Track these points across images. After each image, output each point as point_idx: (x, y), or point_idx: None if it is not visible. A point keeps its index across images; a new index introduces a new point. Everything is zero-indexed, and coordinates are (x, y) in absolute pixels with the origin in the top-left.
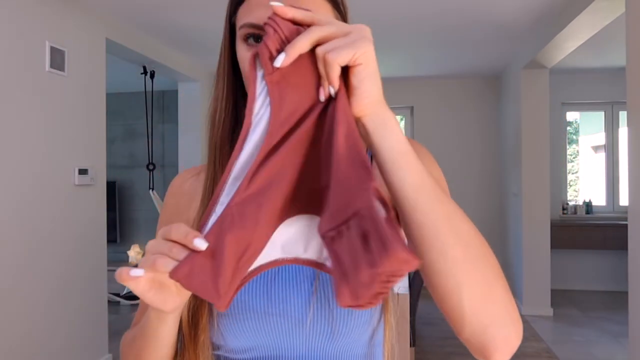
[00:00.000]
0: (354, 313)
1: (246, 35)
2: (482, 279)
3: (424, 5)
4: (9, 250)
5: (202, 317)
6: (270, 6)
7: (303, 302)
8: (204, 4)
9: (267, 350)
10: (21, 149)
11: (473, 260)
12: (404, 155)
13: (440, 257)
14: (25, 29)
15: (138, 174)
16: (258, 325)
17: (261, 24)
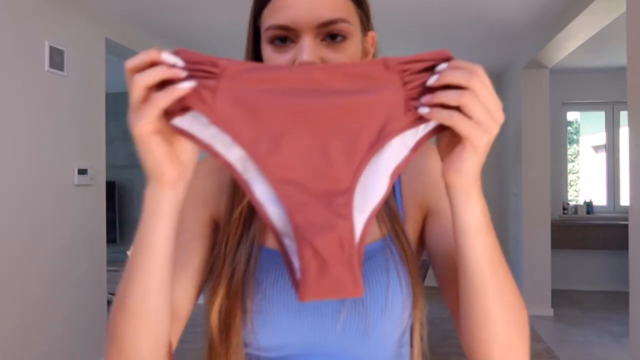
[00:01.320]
0: (387, 312)
1: (272, 37)
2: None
3: (423, 4)
4: (8, 250)
5: (234, 320)
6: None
7: (337, 300)
8: (203, 4)
9: (298, 348)
10: (20, 149)
11: (510, 325)
12: (477, 230)
13: (481, 316)
14: (25, 28)
15: (138, 174)
16: (291, 323)
17: (286, 25)
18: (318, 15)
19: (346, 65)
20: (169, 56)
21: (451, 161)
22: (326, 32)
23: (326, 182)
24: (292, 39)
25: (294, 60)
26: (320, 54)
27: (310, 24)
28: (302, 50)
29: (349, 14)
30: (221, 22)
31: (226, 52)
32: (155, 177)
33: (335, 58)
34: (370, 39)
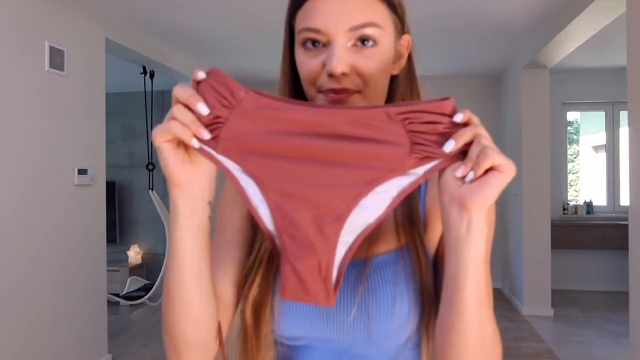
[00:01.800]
0: (392, 320)
1: (304, 39)
2: None
3: (423, 5)
4: (8, 250)
5: (264, 312)
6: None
7: (346, 304)
8: (203, 4)
9: (312, 340)
10: (21, 149)
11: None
12: (481, 261)
13: (459, 343)
14: (25, 28)
15: (138, 174)
16: (306, 322)
17: (318, 28)
18: (349, 19)
19: (354, 112)
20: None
21: (478, 187)
22: (357, 37)
23: (321, 209)
24: (324, 42)
25: (324, 64)
26: (350, 59)
27: (341, 28)
28: (332, 57)
29: (382, 18)
30: (221, 22)
31: (226, 51)
32: (168, 179)
33: (365, 64)
34: (405, 42)
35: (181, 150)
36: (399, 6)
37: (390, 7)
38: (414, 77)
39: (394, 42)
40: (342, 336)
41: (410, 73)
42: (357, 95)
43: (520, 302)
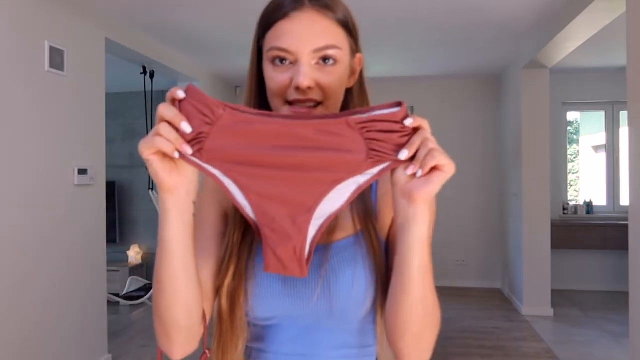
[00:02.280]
0: (351, 296)
1: (274, 57)
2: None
3: (424, 5)
4: (8, 250)
5: (239, 298)
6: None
7: (312, 284)
8: (203, 4)
9: (282, 319)
10: (21, 149)
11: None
12: (423, 242)
13: (405, 310)
14: (25, 28)
15: (138, 174)
16: (277, 303)
17: (287, 48)
18: (314, 42)
19: (319, 122)
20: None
21: (424, 183)
22: (320, 56)
23: (294, 205)
24: (291, 60)
25: (292, 79)
26: (314, 76)
27: (307, 50)
28: (299, 74)
29: (341, 41)
30: (221, 22)
31: (226, 51)
32: (158, 185)
33: (327, 79)
34: (357, 60)
35: (167, 160)
36: (354, 29)
37: (347, 31)
38: (364, 90)
39: (349, 61)
40: (309, 312)
41: (362, 86)
42: (320, 107)
43: (520, 302)
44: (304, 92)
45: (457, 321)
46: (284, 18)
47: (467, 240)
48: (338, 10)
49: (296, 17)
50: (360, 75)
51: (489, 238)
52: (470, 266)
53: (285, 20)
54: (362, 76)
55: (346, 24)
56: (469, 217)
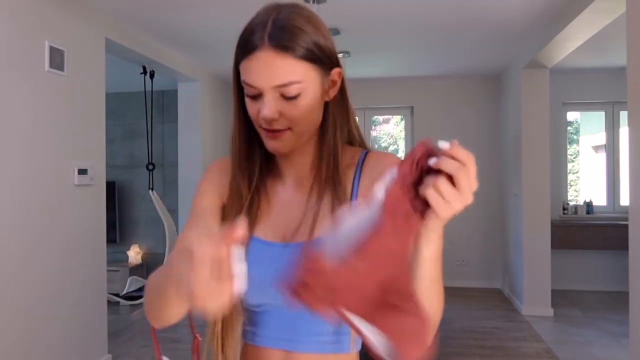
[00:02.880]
0: None
1: (245, 90)
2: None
3: (424, 5)
4: (8, 250)
5: None
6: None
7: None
8: (203, 4)
9: (271, 307)
10: (21, 149)
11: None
12: (433, 259)
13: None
14: (25, 28)
15: (138, 174)
16: (265, 295)
17: (252, 84)
18: (273, 79)
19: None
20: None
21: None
22: (281, 92)
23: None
24: (258, 93)
25: (259, 110)
26: (279, 107)
27: (268, 86)
28: (263, 106)
29: (301, 74)
30: (221, 21)
31: (225, 51)
32: (184, 297)
33: (291, 110)
34: (335, 74)
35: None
36: (322, 53)
37: (310, 61)
38: (346, 101)
39: (320, 83)
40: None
41: (343, 98)
42: (287, 132)
43: (520, 302)
44: (269, 123)
45: (457, 321)
46: (246, 57)
47: (467, 240)
48: (299, 45)
49: (255, 57)
50: (342, 87)
51: (489, 238)
52: (470, 266)
53: (247, 59)
54: (344, 87)
55: (310, 56)
56: (469, 217)
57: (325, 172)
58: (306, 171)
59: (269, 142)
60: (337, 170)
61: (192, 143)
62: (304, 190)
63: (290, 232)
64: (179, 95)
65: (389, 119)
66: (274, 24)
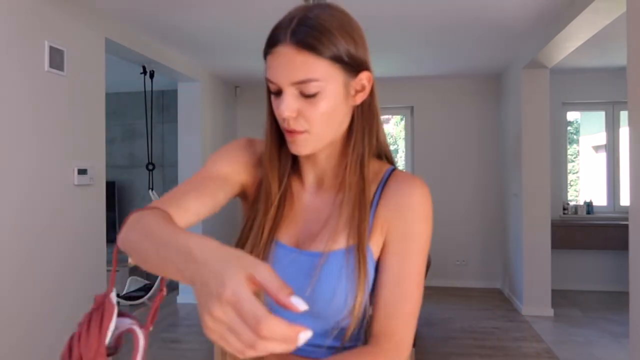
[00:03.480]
0: (332, 303)
1: (269, 88)
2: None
3: (424, 5)
4: (8, 250)
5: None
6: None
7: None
8: (204, 4)
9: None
10: (20, 149)
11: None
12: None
13: None
14: (24, 28)
15: (138, 174)
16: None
17: (272, 80)
18: (292, 76)
19: None
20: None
21: None
22: (300, 89)
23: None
24: (279, 90)
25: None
26: (297, 105)
27: (286, 83)
28: (281, 104)
29: (322, 72)
30: (221, 21)
31: (226, 51)
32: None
33: (309, 109)
34: (365, 77)
35: None
36: (349, 57)
37: (333, 60)
38: (374, 109)
39: (343, 85)
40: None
41: (370, 103)
42: (305, 134)
43: (520, 302)
44: (287, 122)
45: (457, 321)
46: (269, 52)
47: (467, 240)
48: (322, 45)
49: (276, 52)
50: (371, 94)
51: (489, 238)
52: (470, 266)
53: (270, 54)
54: (373, 95)
55: (334, 57)
56: (469, 217)
57: (350, 179)
58: (328, 176)
59: (290, 143)
60: (362, 178)
61: (192, 143)
62: (324, 196)
63: (305, 238)
64: (179, 95)
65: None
66: (300, 21)
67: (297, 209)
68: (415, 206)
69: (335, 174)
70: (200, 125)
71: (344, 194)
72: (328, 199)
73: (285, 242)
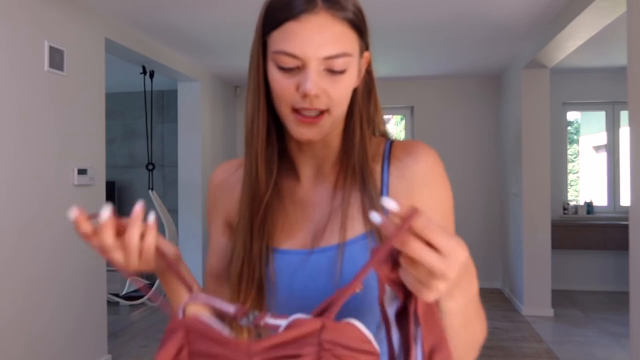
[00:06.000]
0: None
1: (280, 61)
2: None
3: (424, 5)
4: (8, 250)
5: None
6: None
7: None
8: (204, 4)
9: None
10: (20, 149)
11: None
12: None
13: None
14: (24, 28)
15: (137, 174)
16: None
17: (296, 54)
18: (325, 49)
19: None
20: None
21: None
22: (329, 65)
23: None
24: (298, 65)
25: (298, 85)
26: (322, 83)
27: (316, 56)
28: (306, 81)
29: (352, 46)
30: (221, 21)
31: (225, 51)
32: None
33: (334, 88)
34: (365, 58)
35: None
36: (364, 26)
37: (358, 33)
38: (372, 89)
39: (358, 63)
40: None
41: (369, 86)
42: (325, 115)
43: (520, 302)
44: (310, 100)
45: None
46: (293, 19)
47: (467, 240)
48: (348, 7)
49: (307, 20)
50: (368, 74)
51: (489, 238)
52: None
53: (294, 21)
54: (371, 74)
55: (357, 24)
56: (469, 217)
57: (354, 163)
58: (328, 165)
59: (300, 129)
60: (366, 160)
61: (192, 143)
62: (325, 188)
63: (313, 236)
64: (179, 95)
65: (389, 119)
66: None
67: (292, 207)
68: (427, 171)
69: (334, 161)
70: (200, 125)
71: (347, 180)
72: (329, 189)
73: (287, 247)
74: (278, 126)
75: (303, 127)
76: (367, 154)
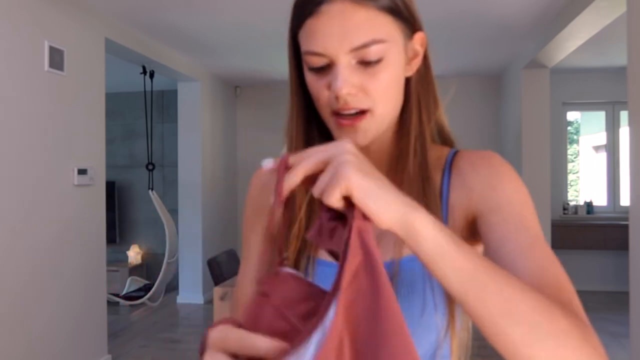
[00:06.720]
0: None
1: (309, 62)
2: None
3: (424, 3)
4: (8, 250)
5: None
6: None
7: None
8: (204, 4)
9: None
10: (20, 149)
11: (541, 340)
12: (441, 258)
13: (501, 340)
14: (24, 28)
15: (137, 174)
16: None
17: (319, 52)
18: (349, 40)
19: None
20: None
21: (371, 220)
22: (360, 56)
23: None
24: (327, 63)
25: (329, 85)
26: (355, 79)
27: (342, 50)
28: (336, 79)
29: (385, 30)
30: (221, 21)
31: (226, 51)
32: None
33: (371, 82)
34: (418, 40)
35: None
36: (405, 8)
37: (394, 14)
38: (430, 78)
39: (403, 48)
40: None
41: (425, 74)
42: (367, 115)
43: None
44: (345, 100)
45: None
46: (311, 15)
47: None
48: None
49: (324, 13)
50: (424, 59)
51: None
52: None
53: (313, 18)
54: (427, 60)
55: (392, 8)
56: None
57: (409, 170)
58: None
59: (341, 134)
60: (426, 167)
61: (192, 143)
62: None
63: None
64: (179, 95)
65: None
66: None
67: None
68: (497, 167)
69: (387, 168)
70: (200, 125)
71: (402, 190)
72: None
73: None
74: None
75: (344, 131)
76: (427, 159)
